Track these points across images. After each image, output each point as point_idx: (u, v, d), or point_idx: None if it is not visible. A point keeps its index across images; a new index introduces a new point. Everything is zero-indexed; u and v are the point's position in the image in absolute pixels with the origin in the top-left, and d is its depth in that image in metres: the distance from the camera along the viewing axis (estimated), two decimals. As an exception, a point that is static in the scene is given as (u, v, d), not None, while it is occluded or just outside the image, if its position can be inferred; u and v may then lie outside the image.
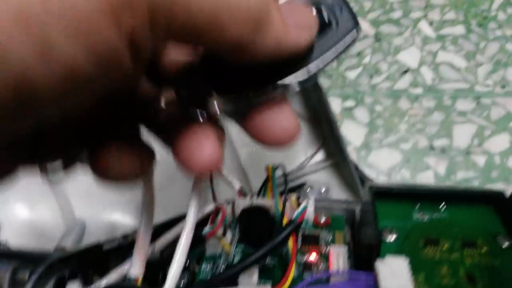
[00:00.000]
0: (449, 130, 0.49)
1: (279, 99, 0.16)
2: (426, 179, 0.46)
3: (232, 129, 0.47)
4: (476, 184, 0.44)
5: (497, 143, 0.47)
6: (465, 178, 0.45)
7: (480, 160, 0.47)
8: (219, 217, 0.30)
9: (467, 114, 0.50)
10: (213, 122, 0.18)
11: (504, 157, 0.46)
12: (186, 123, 0.16)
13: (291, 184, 0.47)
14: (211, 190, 0.44)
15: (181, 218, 0.35)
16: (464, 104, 0.51)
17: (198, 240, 0.30)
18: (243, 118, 0.17)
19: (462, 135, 0.48)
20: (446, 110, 0.51)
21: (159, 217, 0.38)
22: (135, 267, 0.27)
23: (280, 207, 0.30)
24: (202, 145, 0.16)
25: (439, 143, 0.48)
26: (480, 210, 0.29)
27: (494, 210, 0.29)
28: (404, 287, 0.22)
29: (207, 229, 0.29)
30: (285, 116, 0.16)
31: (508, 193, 0.28)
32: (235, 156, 0.48)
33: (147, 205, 0.29)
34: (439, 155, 0.48)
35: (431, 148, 0.48)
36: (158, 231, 0.35)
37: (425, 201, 0.30)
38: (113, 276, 0.31)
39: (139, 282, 0.28)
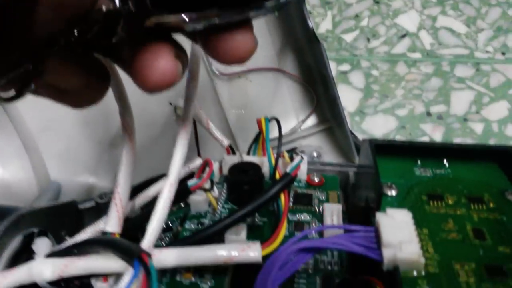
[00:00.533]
0: (447, 97, 0.47)
1: (245, 19, 0.16)
2: (421, 146, 0.44)
3: (222, 91, 0.44)
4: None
5: (496, 110, 0.46)
6: (462, 145, 0.44)
7: (478, 127, 0.45)
8: (207, 170, 0.27)
9: (466, 80, 0.48)
10: (169, 40, 0.17)
11: (502, 124, 0.45)
12: (141, 43, 0.16)
13: (282, 149, 0.45)
14: (196, 146, 0.42)
15: (164, 175, 0.33)
16: (463, 70, 0.49)
17: (182, 197, 0.27)
18: (205, 36, 0.16)
19: (460, 101, 0.47)
20: (445, 76, 0.49)
21: (142, 179, 0.36)
22: (111, 222, 0.25)
23: (273, 161, 0.28)
24: (156, 60, 0.16)
25: (436, 109, 0.47)
26: (485, 167, 0.27)
27: (499, 168, 0.27)
28: (408, 240, 0.20)
29: (193, 181, 0.26)
30: (246, 37, 0.16)
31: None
32: (224, 118, 0.45)
33: (127, 155, 0.26)
34: (436, 121, 0.46)
35: (428, 114, 0.46)
36: (139, 189, 0.32)
37: (427, 157, 0.28)
38: (88, 231, 0.28)
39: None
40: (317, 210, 0.29)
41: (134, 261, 0.19)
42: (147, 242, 0.23)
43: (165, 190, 0.24)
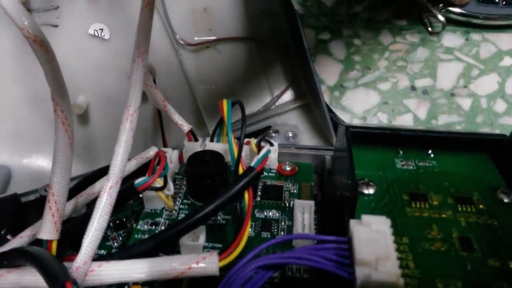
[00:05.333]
0: (433, 69, 0.44)
1: None
2: (404, 123, 0.41)
3: (188, 63, 0.40)
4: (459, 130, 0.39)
5: (485, 84, 0.42)
6: (447, 122, 0.41)
7: (465, 102, 0.42)
8: (159, 164, 0.23)
9: (454, 51, 0.45)
10: None
11: (491, 100, 0.42)
12: None
13: (254, 128, 0.41)
14: (161, 132, 0.38)
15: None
16: (451, 40, 0.45)
17: (128, 198, 0.24)
18: None
19: (447, 74, 0.43)
20: (432, 46, 0.45)
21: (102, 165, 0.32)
22: (46, 228, 0.21)
23: (236, 152, 0.24)
24: None
25: (421, 83, 0.43)
26: (475, 159, 0.24)
27: (491, 159, 0.24)
28: (385, 256, 0.17)
29: (140, 180, 0.22)
30: None
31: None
32: (191, 95, 0.41)
33: (61, 148, 0.22)
34: (421, 97, 0.42)
35: (413, 88, 0.43)
36: (89, 181, 0.28)
37: (410, 146, 0.25)
38: (25, 236, 0.25)
39: (53, 246, 0.22)
40: (288, 205, 0.26)
41: (57, 290, 0.16)
42: (83, 256, 0.20)
43: (104, 195, 0.20)
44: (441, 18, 0.43)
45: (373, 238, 0.18)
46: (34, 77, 0.37)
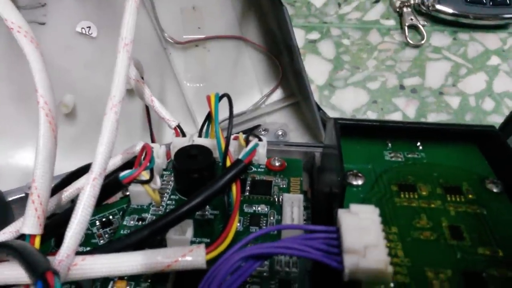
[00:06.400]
0: (421, 68, 0.44)
1: None
2: (394, 122, 0.41)
3: (177, 62, 0.40)
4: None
5: (473, 83, 0.43)
6: (436, 120, 0.41)
7: (454, 101, 0.42)
8: (145, 157, 0.23)
9: (442, 50, 0.45)
10: None
11: (480, 98, 0.42)
12: None
13: (244, 127, 0.41)
14: (149, 129, 0.37)
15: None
16: (439, 39, 0.45)
17: (113, 192, 0.23)
18: None
19: (436, 73, 0.43)
20: (420, 45, 0.45)
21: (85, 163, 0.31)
22: (29, 222, 0.21)
23: (223, 145, 0.24)
24: None
25: (410, 82, 0.43)
26: (464, 150, 0.24)
27: (479, 150, 0.24)
28: (374, 244, 0.17)
29: (126, 172, 0.22)
30: None
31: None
32: (179, 93, 0.41)
33: (44, 140, 0.21)
34: (410, 95, 0.43)
35: (401, 87, 0.43)
36: (74, 177, 0.28)
37: (399, 139, 0.25)
38: (7, 232, 0.24)
39: (37, 241, 0.21)
40: (276, 200, 0.26)
41: (37, 281, 0.15)
42: (65, 249, 0.19)
43: (87, 187, 0.20)
44: (423, 30, 0.44)
45: (361, 226, 0.17)
46: (20, 75, 0.36)
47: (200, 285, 0.17)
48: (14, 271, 0.19)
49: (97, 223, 0.27)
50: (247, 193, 0.27)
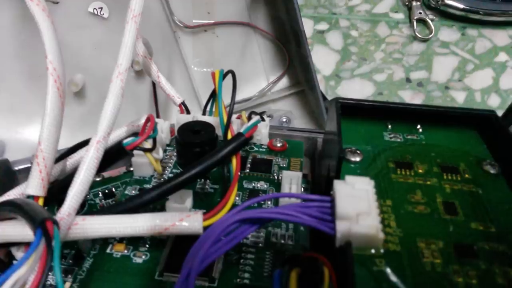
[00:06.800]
0: (429, 62, 0.44)
1: None
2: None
3: (185, 45, 0.40)
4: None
5: (479, 78, 0.43)
6: (441, 114, 0.41)
7: (460, 96, 0.42)
8: (148, 127, 0.24)
9: (450, 45, 0.45)
10: None
11: (485, 94, 0.42)
12: None
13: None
14: (155, 106, 0.38)
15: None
16: (448, 34, 0.46)
17: (116, 158, 0.24)
18: None
19: (443, 68, 0.43)
20: (428, 39, 0.45)
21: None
22: (33, 183, 0.21)
23: (225, 119, 0.24)
24: None
25: (416, 75, 0.43)
26: (463, 134, 0.24)
27: (478, 135, 0.24)
28: (366, 212, 0.17)
29: (129, 139, 0.22)
30: None
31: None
32: (187, 77, 0.41)
33: (52, 104, 0.22)
34: (415, 88, 0.43)
35: (408, 80, 0.43)
36: (81, 147, 0.28)
37: (399, 121, 0.25)
38: (11, 194, 0.25)
39: (40, 203, 0.22)
40: (276, 178, 0.26)
41: (37, 229, 0.16)
42: (67, 207, 0.20)
43: (91, 148, 0.20)
44: (431, 25, 0.44)
45: (355, 195, 0.18)
46: (33, 54, 0.37)
47: (194, 244, 0.17)
48: (17, 228, 0.20)
49: (100, 194, 0.28)
50: (248, 170, 0.27)
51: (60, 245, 0.16)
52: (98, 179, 0.29)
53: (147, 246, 0.22)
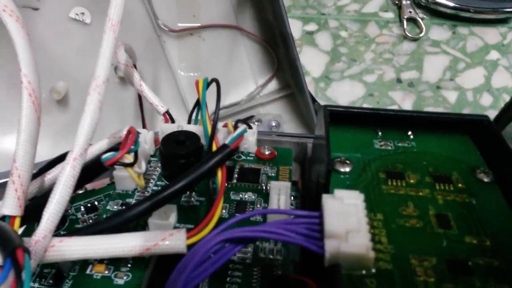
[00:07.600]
0: (419, 62, 0.43)
1: None
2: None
3: (171, 50, 0.39)
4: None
5: (471, 77, 0.42)
6: (433, 115, 0.40)
7: (451, 95, 0.41)
8: (129, 140, 0.23)
9: (441, 44, 0.44)
10: None
11: (477, 93, 0.41)
12: None
13: (237, 118, 0.41)
14: (141, 116, 0.37)
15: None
16: (438, 33, 0.45)
17: (95, 174, 0.23)
18: None
19: (434, 67, 0.43)
20: (418, 39, 0.45)
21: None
22: (8, 202, 0.20)
23: (210, 129, 0.24)
24: None
25: (407, 75, 0.43)
26: (455, 140, 0.24)
27: (471, 140, 0.24)
28: (356, 229, 0.16)
29: (108, 154, 0.22)
30: None
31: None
32: (173, 82, 0.40)
33: (27, 119, 0.21)
34: (406, 89, 0.42)
35: (398, 81, 0.42)
36: (60, 161, 0.27)
37: (390, 127, 0.24)
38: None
39: (16, 223, 0.21)
40: (264, 188, 0.26)
41: (5, 259, 0.15)
42: (42, 229, 0.19)
43: (67, 167, 0.19)
44: (421, 24, 0.43)
45: (344, 211, 0.17)
46: (10, 62, 0.36)
47: (177, 265, 0.16)
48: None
49: (82, 208, 0.27)
50: (235, 181, 0.26)
51: (30, 276, 0.15)
52: (80, 191, 0.28)
53: (129, 265, 0.21)
